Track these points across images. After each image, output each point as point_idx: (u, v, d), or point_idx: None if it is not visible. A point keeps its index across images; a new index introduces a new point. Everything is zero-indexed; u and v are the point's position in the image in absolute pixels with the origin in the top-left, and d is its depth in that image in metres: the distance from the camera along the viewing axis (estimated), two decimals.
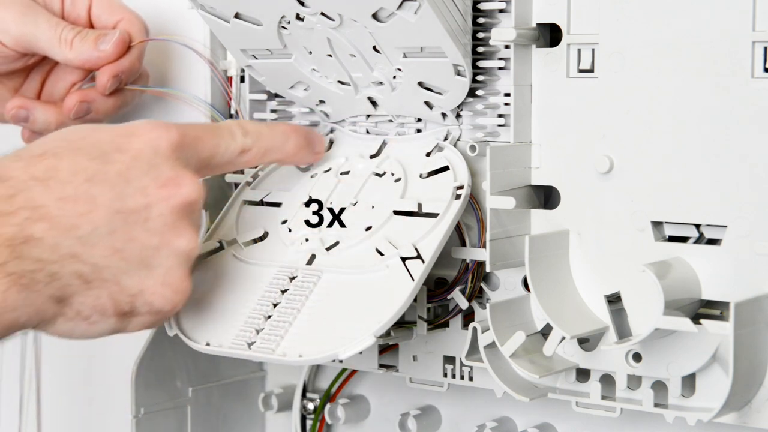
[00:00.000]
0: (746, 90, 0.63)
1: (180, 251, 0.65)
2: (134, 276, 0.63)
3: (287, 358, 0.67)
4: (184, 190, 0.65)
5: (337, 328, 0.67)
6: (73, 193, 0.61)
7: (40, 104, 0.83)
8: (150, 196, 0.64)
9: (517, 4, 0.69)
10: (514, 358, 0.69)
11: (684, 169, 0.65)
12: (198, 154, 0.68)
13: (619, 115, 0.67)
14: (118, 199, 0.63)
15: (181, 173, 0.65)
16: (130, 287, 0.63)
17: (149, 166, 0.64)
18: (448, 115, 0.73)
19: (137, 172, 0.64)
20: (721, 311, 0.66)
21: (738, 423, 0.65)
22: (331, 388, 0.85)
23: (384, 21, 0.69)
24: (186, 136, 0.66)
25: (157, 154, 0.65)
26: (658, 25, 0.65)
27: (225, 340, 0.70)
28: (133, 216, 0.63)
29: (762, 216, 0.63)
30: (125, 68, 0.80)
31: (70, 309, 0.62)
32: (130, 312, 0.64)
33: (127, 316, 0.64)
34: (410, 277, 0.68)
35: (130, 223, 0.63)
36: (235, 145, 0.70)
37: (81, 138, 0.64)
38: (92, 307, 0.63)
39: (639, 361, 0.68)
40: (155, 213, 0.64)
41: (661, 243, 0.67)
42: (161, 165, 0.64)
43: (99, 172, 0.63)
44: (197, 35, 0.84)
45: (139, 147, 0.64)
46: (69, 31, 0.79)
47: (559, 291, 0.68)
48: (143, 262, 0.64)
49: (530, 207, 0.71)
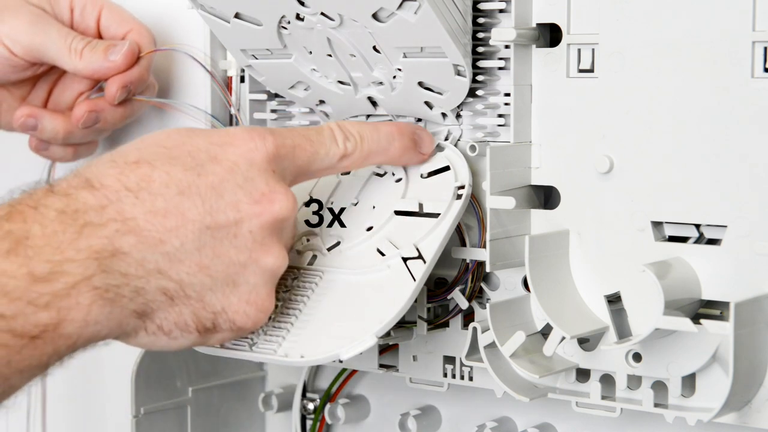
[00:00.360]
0: (746, 90, 0.63)
1: (267, 269, 0.64)
2: (218, 293, 0.62)
3: (289, 359, 0.67)
4: (277, 207, 0.63)
5: (339, 329, 0.67)
6: (163, 207, 0.60)
7: (48, 113, 0.83)
8: (242, 212, 0.62)
9: (517, 4, 0.69)
10: (514, 358, 0.69)
11: (684, 169, 0.65)
12: (295, 163, 0.66)
13: (619, 115, 0.67)
14: (208, 214, 0.61)
15: (275, 188, 0.63)
16: (213, 304, 0.63)
17: (244, 179, 0.63)
18: (448, 115, 0.73)
19: (231, 185, 0.62)
20: (721, 311, 0.66)
21: (738, 423, 0.65)
22: (331, 388, 0.85)
23: (384, 21, 0.69)
24: (283, 146, 0.65)
25: (252, 166, 0.63)
26: (658, 25, 0.65)
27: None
28: (222, 231, 0.62)
29: (762, 216, 0.63)
30: (134, 79, 0.80)
31: (152, 323, 0.61)
32: (212, 329, 0.63)
33: (209, 332, 0.64)
34: (411, 277, 0.68)
35: (218, 238, 0.62)
36: (335, 151, 0.68)
37: (178, 145, 0.63)
38: (174, 323, 0.62)
39: (639, 361, 0.68)
40: (245, 229, 0.63)
41: (661, 243, 0.67)
42: (256, 178, 0.63)
43: (192, 185, 0.61)
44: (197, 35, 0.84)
45: (234, 159, 0.63)
46: (79, 41, 0.80)
47: (559, 291, 0.68)
48: (229, 279, 0.63)
49: (530, 207, 0.71)
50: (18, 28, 0.79)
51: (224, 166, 0.63)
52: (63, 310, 0.57)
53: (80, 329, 0.58)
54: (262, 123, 0.82)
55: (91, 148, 0.87)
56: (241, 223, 0.62)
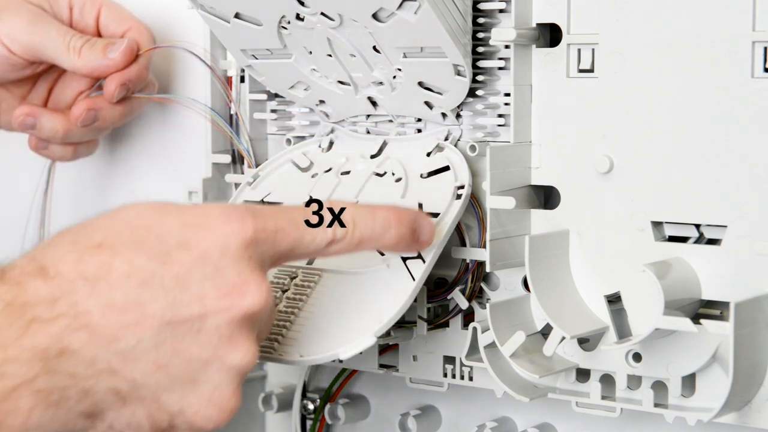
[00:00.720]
0: (746, 90, 0.63)
1: (233, 366, 0.58)
2: (176, 393, 0.57)
3: (287, 358, 0.67)
4: (248, 301, 0.57)
5: (338, 328, 0.67)
6: (122, 299, 0.55)
7: (47, 112, 0.83)
8: (207, 306, 0.57)
9: (517, 4, 0.69)
10: (514, 358, 0.69)
11: (684, 169, 0.65)
12: (275, 249, 0.60)
13: (619, 115, 0.67)
14: (170, 308, 0.56)
15: (247, 279, 0.58)
16: (170, 405, 0.57)
17: (214, 269, 0.57)
18: (448, 115, 0.73)
19: (198, 276, 0.57)
20: (721, 311, 0.66)
21: (738, 423, 0.65)
22: (331, 388, 0.85)
23: (384, 21, 0.69)
24: (264, 231, 0.59)
25: (225, 255, 0.57)
26: (658, 25, 0.65)
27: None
28: (184, 326, 0.56)
29: (762, 216, 0.63)
30: (133, 77, 0.80)
31: (102, 423, 0.57)
32: (168, 429, 0.58)
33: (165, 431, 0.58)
34: (411, 277, 0.68)
35: (179, 334, 0.56)
36: (323, 237, 0.61)
37: (147, 227, 0.58)
38: (127, 423, 0.57)
39: (639, 361, 0.68)
40: (210, 324, 0.57)
41: (661, 243, 0.67)
42: (227, 268, 0.57)
43: (155, 275, 0.56)
44: (197, 35, 0.84)
45: (205, 245, 0.57)
46: (77, 39, 0.79)
47: (559, 291, 0.68)
48: (188, 378, 0.57)
49: (530, 207, 0.71)
50: (17, 27, 0.79)
51: (193, 254, 0.57)
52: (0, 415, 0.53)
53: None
54: (263, 123, 0.82)
55: (91, 147, 0.87)
56: (206, 318, 0.57)
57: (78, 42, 0.79)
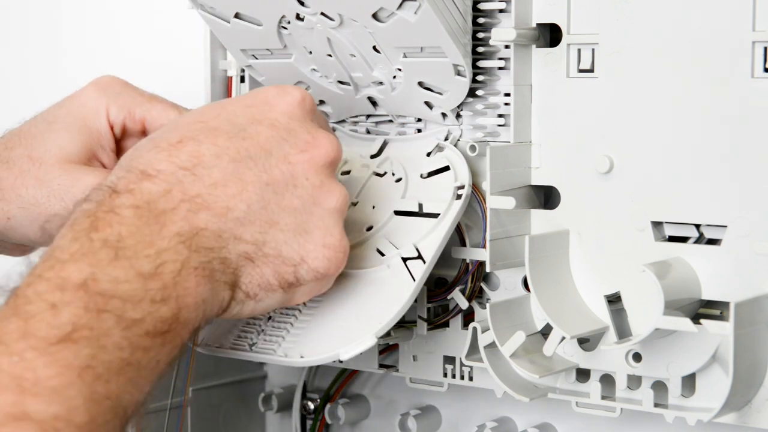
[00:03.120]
0: (746, 90, 0.63)
1: (333, 209, 0.65)
2: (293, 244, 0.63)
3: (288, 359, 0.67)
4: (323, 150, 0.65)
5: (338, 329, 0.67)
6: (221, 177, 0.62)
7: None
8: (292, 163, 0.64)
9: (517, 4, 0.69)
10: (514, 358, 0.69)
11: (684, 169, 0.65)
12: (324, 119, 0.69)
13: (619, 115, 0.67)
14: (264, 172, 0.63)
15: (316, 134, 0.65)
16: (291, 257, 0.63)
17: (286, 132, 0.64)
18: (448, 115, 0.73)
19: (276, 142, 0.64)
20: (721, 311, 0.66)
21: (738, 423, 0.65)
22: (331, 388, 0.85)
23: (384, 21, 0.69)
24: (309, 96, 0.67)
25: (292, 119, 0.65)
26: (658, 25, 0.65)
27: (226, 341, 0.70)
28: (280, 185, 0.63)
29: (762, 216, 0.63)
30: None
31: (239, 291, 0.62)
32: (295, 282, 0.64)
33: (293, 286, 0.64)
34: (411, 277, 0.68)
35: (279, 192, 0.63)
36: None
37: (214, 117, 0.64)
38: (258, 285, 0.63)
39: (639, 361, 0.68)
40: (301, 177, 0.64)
41: (661, 243, 0.67)
42: (297, 129, 0.65)
43: (241, 149, 0.63)
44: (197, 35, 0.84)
45: (273, 116, 0.65)
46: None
47: (559, 291, 0.68)
48: (299, 229, 0.64)
49: (530, 207, 0.71)
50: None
51: (265, 125, 0.64)
52: (179, 299, 0.58)
53: (194, 313, 0.59)
54: None
55: None
56: (296, 173, 0.64)
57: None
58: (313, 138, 0.65)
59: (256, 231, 0.62)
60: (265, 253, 0.62)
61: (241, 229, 0.62)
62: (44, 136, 0.72)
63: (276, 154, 0.64)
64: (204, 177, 0.61)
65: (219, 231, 0.61)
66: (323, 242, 0.64)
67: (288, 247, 0.63)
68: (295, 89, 0.66)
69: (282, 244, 0.63)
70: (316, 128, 0.66)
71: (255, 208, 0.62)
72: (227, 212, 0.61)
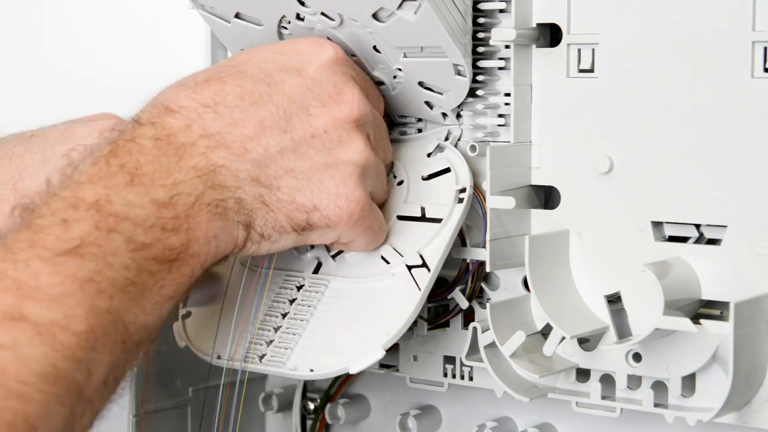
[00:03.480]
0: (746, 90, 0.63)
1: (348, 162, 0.65)
2: (307, 191, 0.64)
3: (298, 372, 0.67)
4: (345, 108, 0.66)
5: (346, 340, 0.67)
6: (241, 118, 0.63)
7: None
8: (313, 115, 0.65)
9: (517, 4, 0.69)
10: (514, 358, 0.69)
11: (684, 169, 0.65)
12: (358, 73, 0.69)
13: (619, 115, 0.67)
14: (283, 120, 0.64)
15: (342, 89, 0.66)
16: (304, 204, 0.64)
17: (312, 81, 0.65)
18: (448, 115, 0.73)
19: (300, 90, 0.65)
20: (721, 311, 0.66)
21: (738, 423, 0.65)
22: (331, 388, 0.85)
23: (384, 21, 0.69)
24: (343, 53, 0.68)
25: (321, 69, 0.66)
26: (658, 25, 0.65)
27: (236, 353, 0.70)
28: (298, 134, 0.64)
29: (762, 216, 0.63)
30: None
31: (254, 232, 0.64)
32: (308, 226, 0.65)
33: (306, 230, 0.65)
34: (417, 286, 0.68)
35: (297, 141, 0.64)
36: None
37: (244, 61, 0.66)
38: (272, 227, 0.64)
39: (639, 361, 0.68)
40: (319, 130, 0.65)
41: (661, 243, 0.67)
42: (323, 80, 0.66)
43: (264, 94, 0.64)
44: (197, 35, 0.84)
45: (300, 65, 0.66)
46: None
47: (559, 291, 0.68)
48: (314, 178, 0.65)
49: (530, 207, 0.71)
50: None
51: (293, 73, 0.65)
52: (189, 231, 0.60)
53: (205, 246, 0.61)
54: None
55: None
56: (315, 125, 0.65)
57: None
58: (338, 93, 0.66)
59: (271, 175, 0.63)
60: (279, 198, 0.64)
61: (257, 171, 0.63)
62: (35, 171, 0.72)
63: (298, 103, 0.65)
64: (225, 115, 0.63)
65: (236, 170, 0.62)
66: (336, 191, 0.65)
67: (301, 194, 0.64)
68: (330, 44, 0.67)
69: (296, 190, 0.64)
70: (344, 82, 0.66)
71: (272, 152, 0.63)
72: (245, 153, 0.62)
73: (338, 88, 0.66)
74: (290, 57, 0.66)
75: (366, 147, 0.66)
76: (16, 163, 0.73)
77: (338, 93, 0.66)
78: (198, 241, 0.60)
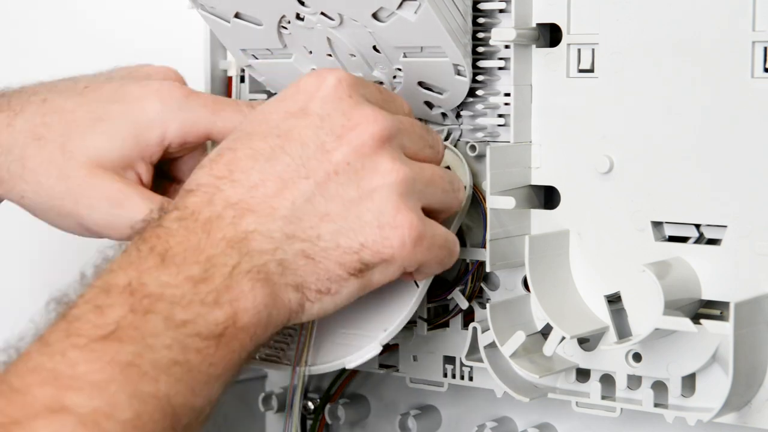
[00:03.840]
0: (746, 90, 0.63)
1: (381, 187, 0.62)
2: (350, 232, 0.61)
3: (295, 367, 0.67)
4: (360, 131, 0.62)
5: (344, 337, 0.67)
6: (260, 178, 0.61)
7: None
8: (330, 150, 0.62)
9: (517, 4, 0.69)
10: (514, 358, 0.69)
11: (684, 169, 0.65)
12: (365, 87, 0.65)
13: (619, 115, 0.67)
14: (302, 166, 0.61)
15: (352, 114, 0.63)
16: (351, 245, 0.61)
17: (320, 119, 0.62)
18: (448, 115, 0.73)
19: (311, 132, 0.62)
20: (721, 311, 0.66)
21: (738, 423, 0.65)
22: (331, 388, 0.85)
23: (384, 21, 0.69)
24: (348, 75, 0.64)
25: (326, 103, 0.63)
26: (658, 25, 0.65)
27: None
28: (321, 176, 0.61)
29: (762, 216, 0.63)
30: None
31: (309, 291, 0.61)
32: (364, 267, 0.62)
33: (364, 271, 0.62)
34: (415, 283, 0.68)
35: (322, 184, 0.61)
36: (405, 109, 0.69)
37: (251, 121, 0.64)
38: (327, 279, 0.61)
39: (639, 361, 0.68)
40: (341, 164, 0.62)
41: (661, 243, 0.67)
42: (332, 114, 0.62)
43: (276, 147, 0.62)
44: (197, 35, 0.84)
45: (306, 104, 0.63)
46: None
47: (559, 291, 0.68)
48: (351, 216, 0.61)
49: (530, 207, 0.71)
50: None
51: (298, 116, 0.63)
52: (233, 303, 0.57)
53: (254, 317, 0.58)
54: None
55: None
56: (336, 161, 0.62)
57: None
58: (349, 120, 0.62)
59: (306, 227, 0.61)
60: (323, 248, 0.61)
61: (291, 227, 0.60)
62: (86, 131, 0.70)
63: (312, 144, 0.62)
64: (243, 181, 0.61)
65: (268, 232, 0.60)
66: (378, 223, 0.61)
67: (344, 236, 0.61)
68: (330, 73, 0.64)
69: (337, 234, 0.61)
70: (353, 107, 0.63)
71: (299, 203, 0.61)
72: (273, 212, 0.60)
73: (348, 115, 0.63)
74: (292, 100, 0.63)
75: (395, 163, 0.62)
76: (67, 119, 0.71)
77: (349, 120, 0.62)
78: (246, 312, 0.58)
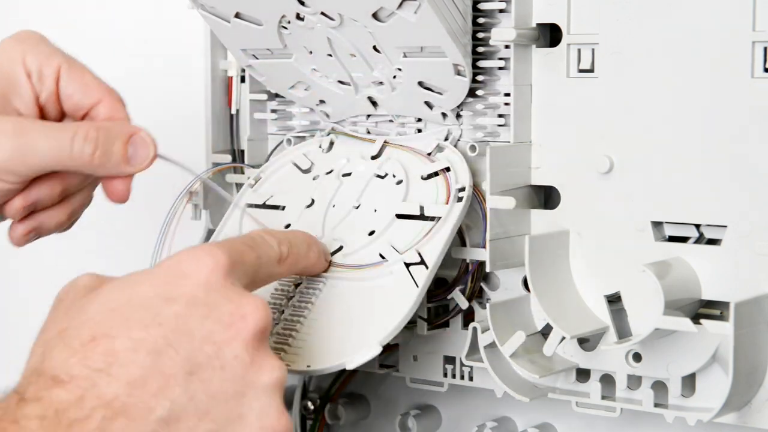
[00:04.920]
0: (746, 90, 0.63)
1: (267, 386, 0.58)
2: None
3: (295, 369, 0.67)
4: (251, 321, 0.58)
5: (343, 336, 0.67)
6: (139, 373, 0.55)
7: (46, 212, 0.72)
8: (218, 342, 0.57)
9: (517, 4, 0.69)
10: (514, 358, 0.69)
11: (684, 169, 0.65)
12: (245, 270, 0.61)
13: (619, 115, 0.67)
14: (186, 360, 0.56)
15: (241, 302, 0.58)
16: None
17: (207, 308, 0.57)
18: (448, 115, 0.73)
19: (196, 321, 0.57)
20: (721, 311, 0.66)
21: (738, 423, 0.65)
22: (331, 388, 0.85)
23: (384, 21, 0.69)
24: (232, 254, 0.60)
25: (211, 291, 0.58)
26: (658, 25, 0.65)
27: None
28: (206, 371, 0.56)
29: (762, 216, 0.63)
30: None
31: None
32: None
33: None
34: (414, 283, 0.68)
35: (205, 379, 0.56)
36: (273, 254, 0.64)
37: (125, 302, 0.57)
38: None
39: (639, 361, 0.68)
40: (228, 357, 0.57)
41: (661, 243, 0.67)
42: (218, 302, 0.58)
43: (158, 338, 0.56)
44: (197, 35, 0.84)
45: (189, 291, 0.58)
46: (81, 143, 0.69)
47: (559, 291, 0.68)
48: (233, 414, 0.57)
49: (530, 207, 0.71)
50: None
51: (182, 303, 0.57)
52: None
53: None
54: (263, 123, 0.82)
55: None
56: (222, 353, 0.57)
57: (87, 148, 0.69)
58: (237, 307, 0.58)
59: (184, 428, 0.55)
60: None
61: (167, 430, 0.55)
62: None
63: (198, 336, 0.57)
64: (121, 376, 0.55)
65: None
66: (260, 425, 0.57)
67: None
68: (206, 252, 0.59)
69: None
70: (239, 293, 0.59)
71: (180, 402, 0.55)
72: (149, 413, 0.55)
73: (236, 302, 0.58)
74: (173, 285, 0.58)
75: (276, 361, 0.59)
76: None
77: (238, 307, 0.58)
78: None
